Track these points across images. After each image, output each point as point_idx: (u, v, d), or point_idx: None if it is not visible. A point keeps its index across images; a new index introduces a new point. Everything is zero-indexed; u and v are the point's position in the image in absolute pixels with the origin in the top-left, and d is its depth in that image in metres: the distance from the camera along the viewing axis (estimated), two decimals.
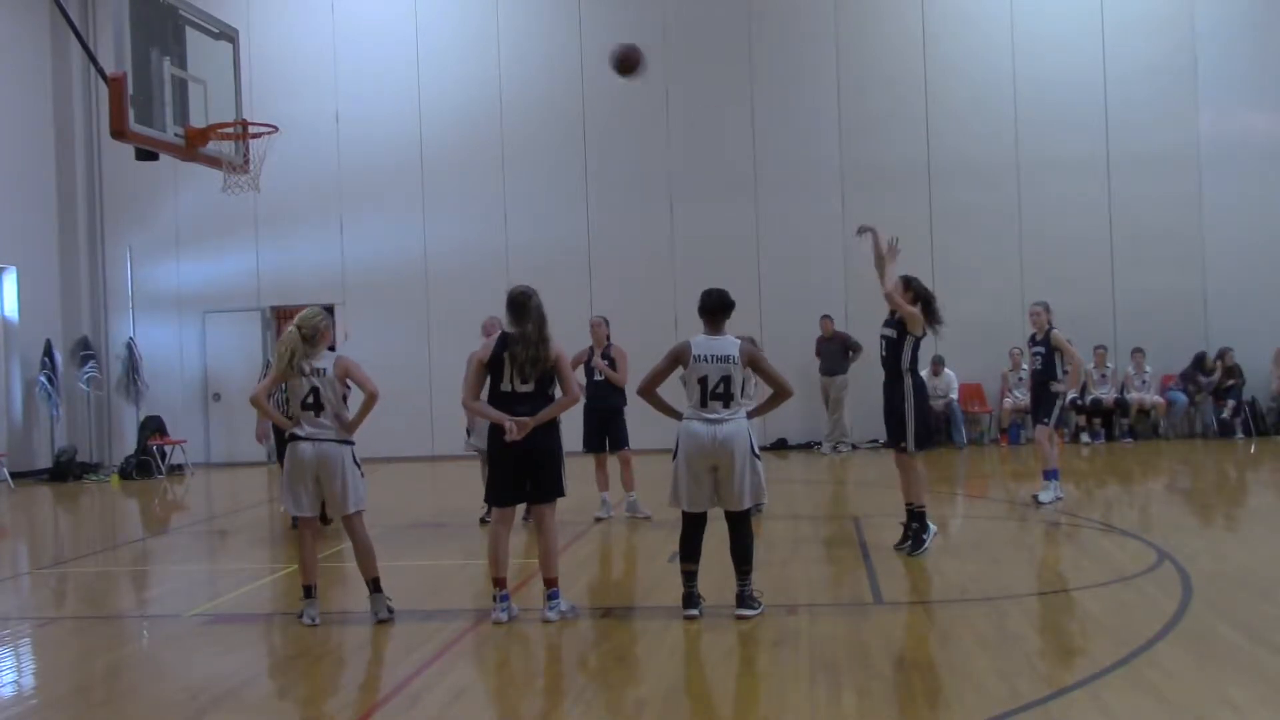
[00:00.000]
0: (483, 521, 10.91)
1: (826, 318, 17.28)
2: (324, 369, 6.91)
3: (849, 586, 7.55)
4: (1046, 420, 10.68)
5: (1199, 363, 17.17)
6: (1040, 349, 10.78)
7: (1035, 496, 10.74)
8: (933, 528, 8.53)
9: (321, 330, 7.03)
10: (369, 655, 6.42)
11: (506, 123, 18.64)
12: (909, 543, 8.50)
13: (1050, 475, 10.69)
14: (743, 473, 6.59)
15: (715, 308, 6.83)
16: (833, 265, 18.01)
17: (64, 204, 19.40)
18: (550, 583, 6.85)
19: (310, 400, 6.90)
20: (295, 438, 6.94)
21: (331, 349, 7.12)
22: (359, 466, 7.03)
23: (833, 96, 18.14)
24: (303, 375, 6.88)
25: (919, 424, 8.52)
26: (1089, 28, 17.70)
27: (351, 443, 7.00)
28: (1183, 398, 17.22)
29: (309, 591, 6.99)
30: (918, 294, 8.59)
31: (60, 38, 19.04)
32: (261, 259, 19.25)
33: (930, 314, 8.57)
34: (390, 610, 6.94)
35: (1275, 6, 17.62)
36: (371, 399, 6.88)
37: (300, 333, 6.94)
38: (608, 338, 11.15)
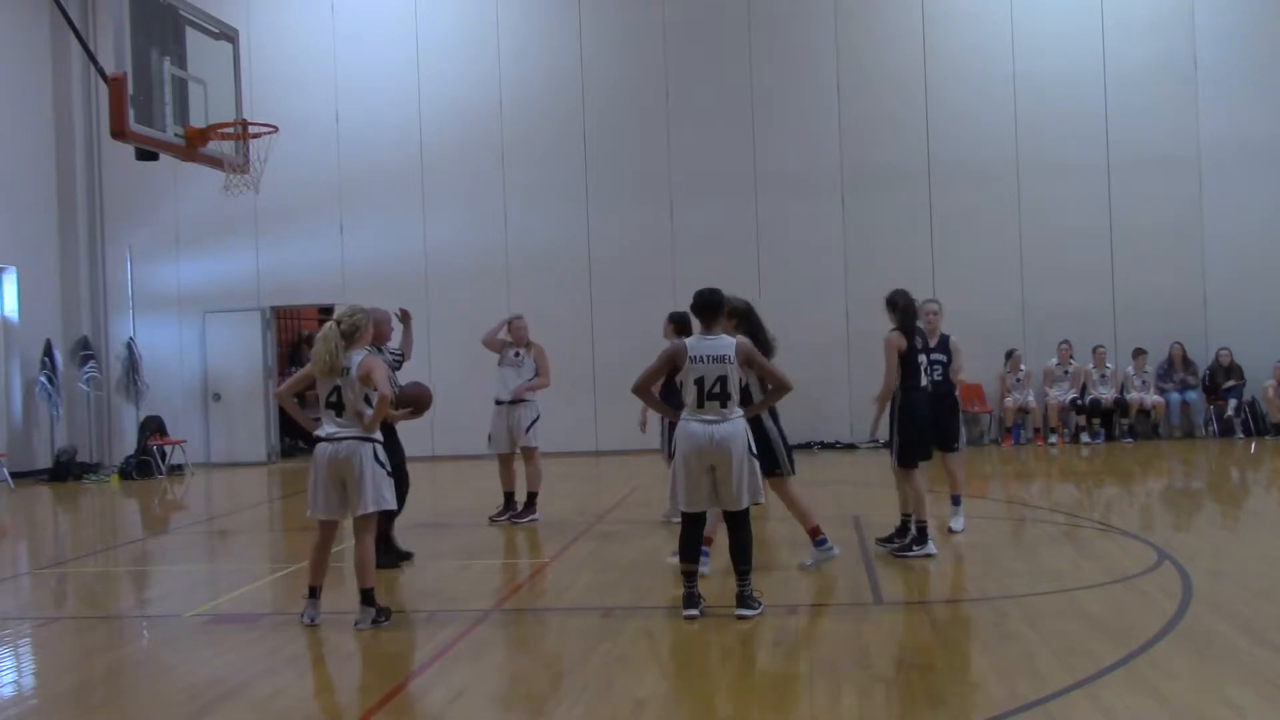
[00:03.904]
0: (491, 521, 10.95)
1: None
2: (348, 368, 6.76)
3: (849, 586, 7.55)
4: (959, 445, 9.50)
5: (1169, 361, 17.22)
6: (941, 356, 9.11)
7: (950, 528, 9.31)
8: (929, 549, 8.34)
9: (361, 328, 6.87)
10: (369, 655, 6.41)
11: (506, 123, 18.64)
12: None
13: (958, 500, 9.46)
14: (740, 473, 6.60)
15: (705, 307, 6.83)
16: (833, 265, 18.02)
17: (64, 204, 19.40)
18: (812, 533, 8.08)
19: (333, 399, 6.79)
20: (318, 439, 6.87)
21: (383, 350, 7.05)
22: (384, 465, 6.86)
23: (833, 96, 18.14)
24: (335, 375, 6.75)
25: (903, 440, 8.45)
26: (1089, 27, 17.69)
27: (376, 440, 6.84)
28: (1176, 397, 17.20)
29: (313, 592, 6.96)
30: (897, 307, 8.47)
31: (60, 38, 19.03)
32: (261, 259, 19.24)
33: (909, 325, 8.43)
34: (375, 622, 6.81)
35: (1275, 6, 17.61)
36: (382, 401, 6.76)
37: (339, 328, 6.79)
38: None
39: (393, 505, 6.98)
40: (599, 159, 18.50)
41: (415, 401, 8.19)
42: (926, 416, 8.56)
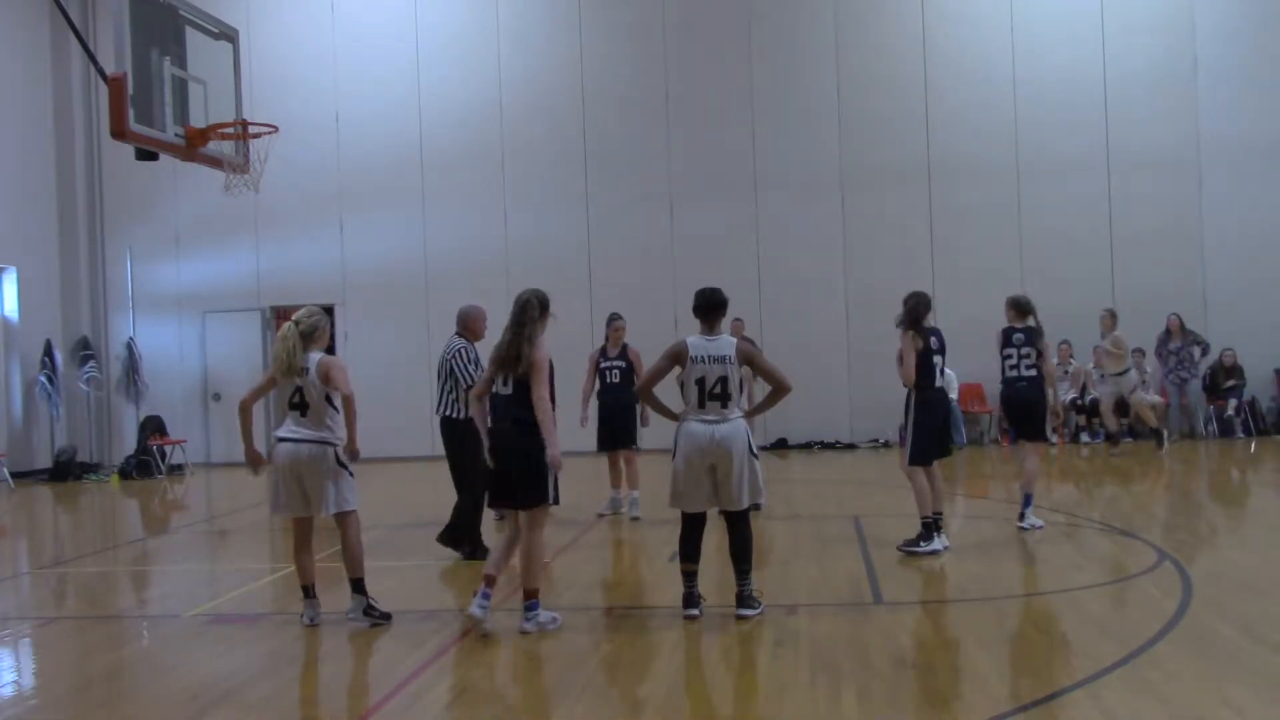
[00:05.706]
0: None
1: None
2: (307, 368, 6.76)
3: (849, 586, 7.54)
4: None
5: (1167, 332, 17.07)
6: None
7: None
8: (935, 545, 8.38)
9: (320, 329, 6.90)
10: (369, 655, 6.41)
11: (506, 123, 18.65)
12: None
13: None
14: (740, 473, 6.60)
15: (708, 307, 6.84)
16: (832, 265, 18.03)
17: (64, 204, 19.41)
18: (528, 594, 6.57)
19: (295, 400, 6.80)
20: (279, 439, 6.87)
21: (330, 351, 7.05)
22: (345, 467, 6.84)
23: (833, 96, 18.14)
24: (295, 375, 6.77)
25: (916, 439, 8.50)
26: (1089, 28, 17.70)
27: (334, 444, 6.81)
28: (1172, 380, 17.10)
29: (307, 592, 6.97)
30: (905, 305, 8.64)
31: (60, 38, 19.05)
32: (261, 259, 19.25)
33: (918, 327, 8.55)
34: (368, 614, 6.82)
35: (1275, 6, 17.62)
36: (346, 402, 6.74)
37: (298, 329, 6.80)
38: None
39: (355, 506, 6.89)
40: (599, 159, 18.50)
41: None
42: (940, 416, 8.69)
